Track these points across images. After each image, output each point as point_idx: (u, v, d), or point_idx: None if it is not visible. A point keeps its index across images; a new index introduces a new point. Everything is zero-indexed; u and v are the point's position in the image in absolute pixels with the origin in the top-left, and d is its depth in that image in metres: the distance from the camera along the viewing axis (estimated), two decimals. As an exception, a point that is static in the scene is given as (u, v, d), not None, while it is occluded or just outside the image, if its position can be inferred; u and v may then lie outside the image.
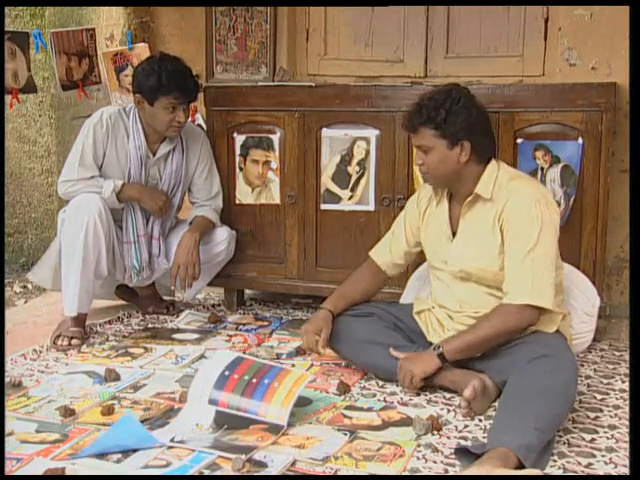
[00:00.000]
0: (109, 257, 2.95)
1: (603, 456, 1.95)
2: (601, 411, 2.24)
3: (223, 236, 3.17)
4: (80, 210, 2.85)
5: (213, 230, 3.17)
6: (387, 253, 2.61)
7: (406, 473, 1.86)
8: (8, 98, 3.04)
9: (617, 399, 2.33)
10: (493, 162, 2.37)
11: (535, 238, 2.23)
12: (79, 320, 2.89)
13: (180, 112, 2.91)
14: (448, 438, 2.05)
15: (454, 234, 2.41)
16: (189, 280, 3.01)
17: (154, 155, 3.05)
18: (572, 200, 2.80)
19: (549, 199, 2.34)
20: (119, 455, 1.91)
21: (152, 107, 2.91)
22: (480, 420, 2.17)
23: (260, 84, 3.36)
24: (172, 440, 1.99)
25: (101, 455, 1.91)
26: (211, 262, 3.16)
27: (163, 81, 2.85)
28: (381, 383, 2.45)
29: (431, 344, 2.45)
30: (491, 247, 2.31)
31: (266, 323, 3.15)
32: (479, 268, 2.33)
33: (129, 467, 1.86)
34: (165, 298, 3.37)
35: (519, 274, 2.23)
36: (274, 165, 3.18)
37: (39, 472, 1.83)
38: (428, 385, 2.35)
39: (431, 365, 2.28)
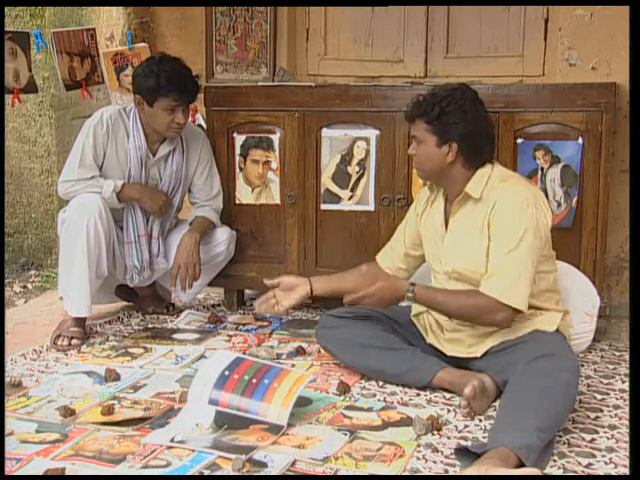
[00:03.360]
0: (109, 257, 2.95)
1: (603, 456, 1.95)
2: (601, 411, 2.24)
3: (223, 236, 3.17)
4: (81, 210, 2.85)
5: (213, 230, 3.17)
6: (389, 257, 2.62)
7: (406, 473, 1.86)
8: (9, 98, 3.05)
9: (617, 399, 2.33)
10: (488, 165, 2.36)
11: (517, 238, 2.21)
12: (79, 320, 2.89)
13: (179, 113, 2.90)
14: (448, 438, 2.05)
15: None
16: (189, 280, 3.01)
17: (154, 155, 3.05)
18: (575, 200, 2.80)
19: (540, 200, 2.31)
20: (119, 455, 1.92)
21: (152, 108, 2.90)
22: (480, 420, 2.17)
23: (260, 84, 3.36)
24: (172, 440, 1.99)
25: (100, 455, 1.92)
26: (211, 262, 3.16)
27: (162, 82, 2.85)
28: (381, 383, 2.44)
29: (431, 346, 2.46)
30: (479, 249, 2.31)
31: (266, 323, 3.15)
32: (469, 270, 2.33)
33: (129, 467, 1.87)
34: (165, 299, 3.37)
35: (497, 271, 2.22)
36: (274, 165, 3.18)
37: (39, 472, 1.83)
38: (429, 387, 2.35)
39: (393, 301, 2.34)
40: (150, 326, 3.13)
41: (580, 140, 2.78)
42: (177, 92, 2.86)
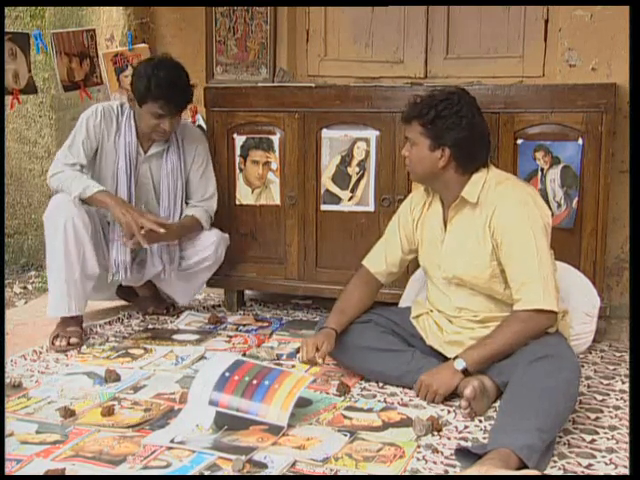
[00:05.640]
0: (100, 255, 2.94)
1: (603, 457, 1.95)
2: (601, 412, 2.24)
3: (210, 240, 3.10)
4: (57, 211, 2.83)
5: (200, 234, 3.12)
6: (382, 263, 2.58)
7: (406, 474, 1.86)
8: (9, 99, 3.05)
9: (617, 400, 2.33)
10: (483, 170, 2.35)
11: (534, 243, 2.23)
12: (77, 320, 2.89)
13: (166, 120, 2.88)
14: (448, 439, 2.05)
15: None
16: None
17: (145, 153, 3.04)
18: (576, 201, 2.80)
19: (537, 199, 2.33)
20: (120, 456, 1.92)
21: (141, 109, 2.91)
22: (480, 421, 2.17)
23: (260, 85, 3.37)
24: (172, 441, 1.99)
25: (100, 456, 1.92)
26: (197, 267, 3.12)
27: (151, 88, 2.83)
28: (381, 384, 2.44)
29: (431, 348, 2.45)
30: (481, 255, 2.31)
31: (266, 324, 3.15)
32: (471, 275, 2.33)
33: (129, 468, 1.86)
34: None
35: (527, 280, 2.22)
36: (274, 166, 3.18)
37: (39, 473, 1.83)
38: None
39: (454, 381, 2.25)
40: (150, 327, 3.13)
41: (580, 141, 2.78)
42: (164, 100, 2.84)
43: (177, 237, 3.04)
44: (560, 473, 1.87)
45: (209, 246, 3.11)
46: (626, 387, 2.40)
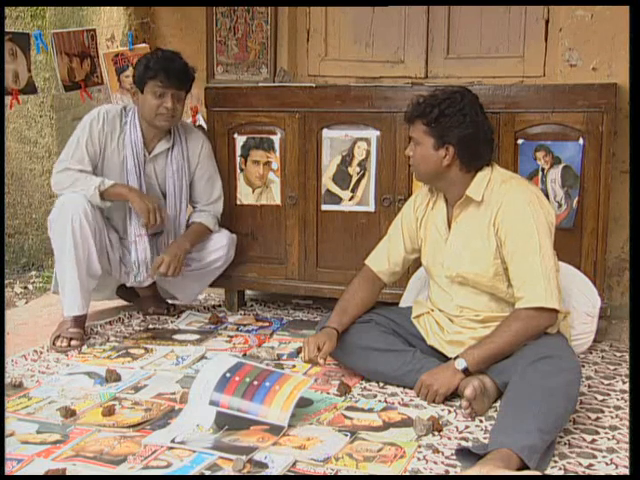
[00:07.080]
0: (103, 255, 2.95)
1: (604, 457, 1.95)
2: (602, 412, 2.23)
3: (222, 242, 3.15)
4: (64, 210, 2.84)
5: (212, 235, 3.16)
6: (384, 262, 2.59)
7: (407, 474, 1.86)
8: (8, 99, 3.05)
9: (618, 400, 2.33)
10: (486, 168, 2.36)
11: (537, 241, 2.23)
12: (79, 321, 2.89)
13: (167, 98, 2.89)
14: (449, 439, 2.05)
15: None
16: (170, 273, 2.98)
17: (150, 153, 3.04)
18: (576, 201, 2.80)
19: (542, 199, 2.34)
20: (120, 456, 1.92)
21: (143, 95, 2.92)
22: (481, 421, 2.17)
23: (261, 85, 3.37)
24: (173, 441, 1.99)
25: (101, 456, 1.92)
26: (209, 267, 3.16)
27: (150, 65, 2.88)
28: (382, 384, 2.44)
29: (431, 348, 2.45)
30: (486, 252, 2.31)
31: (267, 324, 3.15)
32: (474, 273, 2.33)
33: (130, 468, 1.86)
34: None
35: (530, 278, 2.22)
36: (275, 166, 3.18)
37: (40, 473, 1.83)
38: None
39: (454, 381, 2.25)
40: (151, 327, 3.13)
41: (581, 141, 2.78)
42: (163, 74, 2.87)
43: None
44: (561, 473, 1.87)
45: (221, 248, 3.15)
46: (627, 387, 2.40)
